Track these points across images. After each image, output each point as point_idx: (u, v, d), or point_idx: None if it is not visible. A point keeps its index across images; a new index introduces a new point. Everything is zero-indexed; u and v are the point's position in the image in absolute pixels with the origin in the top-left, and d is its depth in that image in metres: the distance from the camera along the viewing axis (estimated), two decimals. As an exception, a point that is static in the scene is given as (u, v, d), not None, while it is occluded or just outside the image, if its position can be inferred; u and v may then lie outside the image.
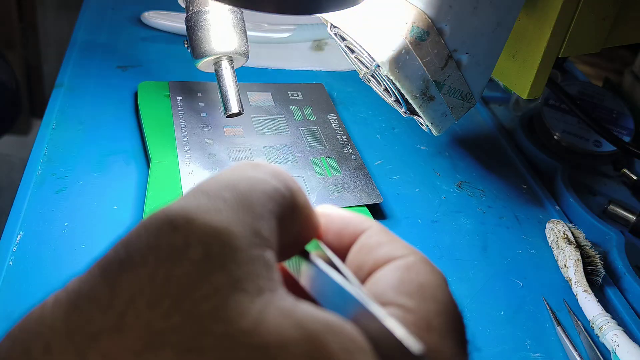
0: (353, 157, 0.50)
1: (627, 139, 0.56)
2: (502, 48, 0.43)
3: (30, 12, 1.13)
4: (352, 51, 0.43)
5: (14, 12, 1.11)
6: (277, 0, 0.33)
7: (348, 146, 0.51)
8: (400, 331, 0.16)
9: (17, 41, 1.14)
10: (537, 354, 0.39)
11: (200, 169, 0.45)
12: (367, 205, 0.45)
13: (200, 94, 0.53)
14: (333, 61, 0.64)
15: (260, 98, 0.54)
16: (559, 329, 0.40)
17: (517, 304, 0.42)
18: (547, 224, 0.47)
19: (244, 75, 0.60)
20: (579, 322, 0.41)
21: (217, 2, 0.34)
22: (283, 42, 0.65)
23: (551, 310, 0.42)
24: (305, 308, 0.16)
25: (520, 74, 0.46)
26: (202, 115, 0.51)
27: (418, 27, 0.38)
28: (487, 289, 0.43)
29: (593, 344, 0.39)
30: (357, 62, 0.43)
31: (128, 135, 0.49)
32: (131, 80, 0.55)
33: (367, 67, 0.41)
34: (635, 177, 0.55)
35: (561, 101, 0.57)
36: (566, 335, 0.39)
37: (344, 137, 0.52)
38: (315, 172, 0.47)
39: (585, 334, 0.40)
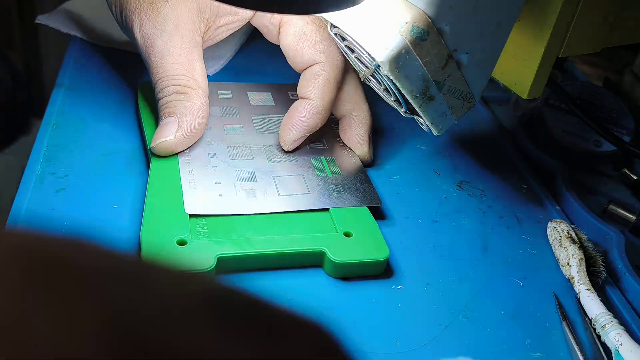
0: (353, 158, 0.50)
1: (627, 138, 0.56)
2: (502, 48, 0.43)
3: (30, 12, 1.13)
4: (352, 51, 0.43)
5: (14, 12, 1.11)
6: (277, 0, 0.33)
7: (349, 148, 0.51)
8: None
9: (17, 41, 1.14)
10: (537, 354, 0.39)
11: (200, 168, 0.45)
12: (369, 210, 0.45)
13: None
14: None
15: (261, 98, 0.54)
16: (564, 323, 0.40)
17: (517, 303, 0.42)
18: (550, 222, 0.47)
19: (244, 75, 0.60)
20: (587, 318, 0.41)
21: (217, 1, 0.34)
22: None
23: (559, 304, 0.42)
24: None
25: (520, 74, 0.46)
26: None
27: (418, 27, 0.38)
28: (487, 288, 0.43)
29: (598, 341, 0.39)
30: (357, 62, 0.43)
31: (128, 135, 0.49)
32: (131, 80, 0.55)
33: (367, 67, 0.41)
34: (635, 177, 0.55)
35: (561, 101, 0.57)
36: (570, 330, 0.39)
37: None
38: (315, 172, 0.47)
39: (592, 330, 0.40)
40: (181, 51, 0.46)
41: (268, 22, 0.49)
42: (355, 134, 0.50)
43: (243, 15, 0.50)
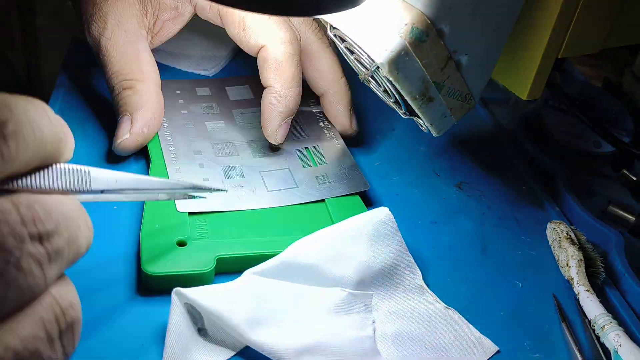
0: (336, 142, 0.50)
1: (626, 139, 0.56)
2: (502, 49, 0.43)
3: (30, 12, 1.13)
4: (352, 52, 0.43)
5: (13, 12, 1.11)
6: (278, 2, 0.33)
7: (331, 132, 0.51)
8: None
9: (17, 41, 1.14)
10: (537, 355, 0.39)
11: (186, 166, 0.45)
12: (366, 205, 0.45)
13: (178, 92, 0.53)
14: None
15: (239, 92, 0.55)
16: (563, 325, 0.40)
17: (516, 304, 0.42)
18: (549, 224, 0.47)
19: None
20: (586, 319, 0.41)
21: (215, 3, 0.34)
22: None
23: (559, 305, 0.42)
24: None
25: (519, 75, 0.46)
26: (182, 112, 0.51)
27: (417, 28, 0.38)
28: (486, 289, 0.43)
29: (597, 342, 0.39)
30: (356, 63, 0.43)
31: (128, 136, 0.49)
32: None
33: (366, 69, 0.41)
34: (634, 178, 0.55)
35: (561, 102, 0.57)
36: (570, 331, 0.39)
37: (325, 122, 0.52)
38: (301, 164, 0.48)
39: (591, 331, 0.40)
40: (124, 46, 0.46)
41: (212, 16, 0.50)
42: (335, 110, 0.51)
43: (183, 9, 0.51)
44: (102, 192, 0.29)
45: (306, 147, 0.49)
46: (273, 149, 0.48)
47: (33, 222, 0.22)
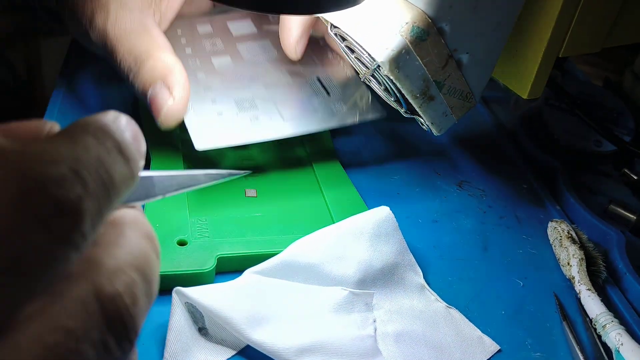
0: (347, 72, 0.49)
1: (627, 138, 0.56)
2: (502, 48, 0.43)
3: (30, 12, 1.13)
4: (353, 51, 0.43)
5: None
6: (278, 1, 0.33)
7: (341, 63, 0.50)
8: None
9: (17, 41, 1.14)
10: (538, 354, 0.39)
11: (198, 103, 0.44)
12: (366, 204, 0.45)
13: (179, 31, 0.52)
14: None
15: (242, 26, 0.53)
16: (565, 323, 0.40)
17: (517, 303, 0.42)
18: (550, 223, 0.47)
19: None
20: (587, 318, 0.40)
21: (218, 3, 0.34)
22: None
23: (560, 304, 0.42)
24: None
25: (520, 74, 0.46)
26: (186, 51, 0.49)
27: (418, 27, 0.38)
28: (487, 288, 0.43)
29: (598, 341, 0.39)
30: (357, 62, 0.43)
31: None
32: (131, 80, 0.55)
33: (367, 67, 0.41)
34: (635, 177, 0.55)
35: (561, 101, 0.57)
36: (571, 330, 0.39)
37: (334, 53, 0.51)
38: (314, 93, 0.47)
39: (592, 330, 0.40)
40: (132, 23, 0.43)
41: None
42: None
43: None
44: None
45: (318, 77, 0.49)
46: (289, 73, 0.46)
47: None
